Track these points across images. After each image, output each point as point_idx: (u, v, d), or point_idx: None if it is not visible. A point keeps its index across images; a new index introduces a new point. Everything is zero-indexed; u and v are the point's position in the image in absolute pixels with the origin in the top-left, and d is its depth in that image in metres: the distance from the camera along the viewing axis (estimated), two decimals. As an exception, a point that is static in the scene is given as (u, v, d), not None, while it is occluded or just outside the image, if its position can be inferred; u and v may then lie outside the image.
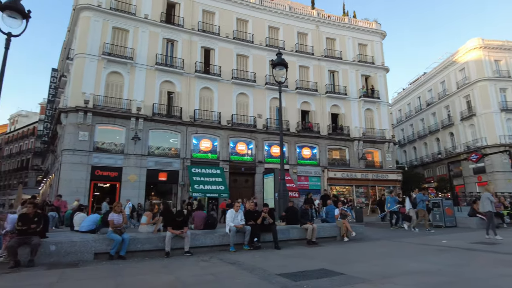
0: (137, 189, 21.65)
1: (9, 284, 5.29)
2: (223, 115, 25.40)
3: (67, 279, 5.52)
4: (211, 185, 22.07)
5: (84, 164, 20.57)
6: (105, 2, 23.60)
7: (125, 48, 23.51)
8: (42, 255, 6.76)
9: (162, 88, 24.32)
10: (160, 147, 23.55)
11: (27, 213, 6.79)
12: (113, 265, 6.72)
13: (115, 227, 7.51)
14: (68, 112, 21.16)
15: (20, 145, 56.13)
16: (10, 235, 7.03)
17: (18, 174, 53.64)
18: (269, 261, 7.07)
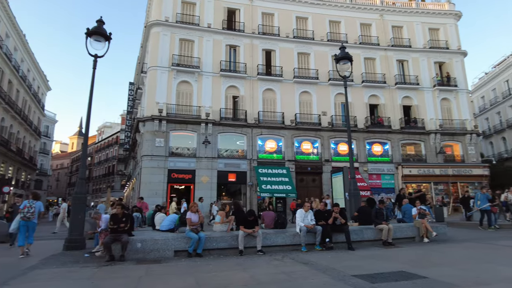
0: (209, 189, 22.72)
1: (108, 275, 5.96)
2: (286, 115, 25.41)
3: (152, 274, 6.01)
4: (278, 185, 22.21)
5: (161, 168, 22.25)
6: (172, 16, 25.27)
7: (191, 58, 24.90)
8: (130, 251, 7.48)
9: (228, 93, 25.21)
10: (228, 149, 24.43)
11: (117, 214, 7.58)
12: (192, 262, 7.15)
13: (192, 225, 7.97)
14: (145, 121, 23.10)
15: (106, 153, 62.90)
16: (104, 232, 7.92)
17: (106, 179, 60.14)
18: (343, 262, 6.87)
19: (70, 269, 6.49)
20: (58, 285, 5.32)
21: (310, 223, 8.73)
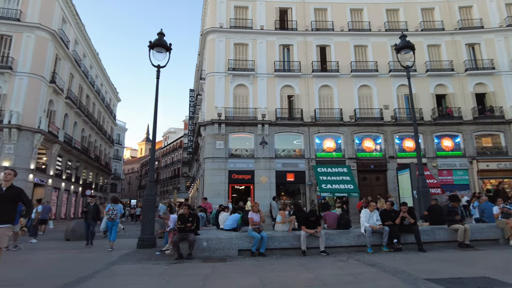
0: (268, 189, 22.92)
1: (177, 272, 6.32)
2: (344, 111, 24.61)
3: (218, 272, 6.23)
4: (339, 184, 21.57)
5: (222, 169, 23.02)
6: (226, 22, 26.02)
7: (246, 61, 25.37)
8: (197, 250, 7.84)
9: (283, 92, 25.20)
10: (285, 149, 24.40)
11: (184, 214, 8.01)
12: (255, 261, 7.27)
13: (254, 225, 8.11)
14: (206, 125, 24.09)
15: (172, 157, 66.94)
16: (173, 232, 8.42)
17: (172, 181, 63.98)
18: (414, 264, 6.43)
19: (144, 266, 7.00)
20: (135, 280, 5.78)
21: (376, 223, 8.34)
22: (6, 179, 5.23)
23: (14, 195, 5.20)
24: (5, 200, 5.06)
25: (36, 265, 7.52)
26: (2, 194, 5.08)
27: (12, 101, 22.97)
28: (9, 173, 5.31)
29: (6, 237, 5.01)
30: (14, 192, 5.22)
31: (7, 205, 5.09)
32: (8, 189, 5.18)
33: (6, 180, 5.23)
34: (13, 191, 5.22)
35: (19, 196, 5.25)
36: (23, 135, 22.76)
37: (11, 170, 5.39)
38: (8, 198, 5.11)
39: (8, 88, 23.16)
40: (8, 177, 5.25)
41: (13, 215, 5.33)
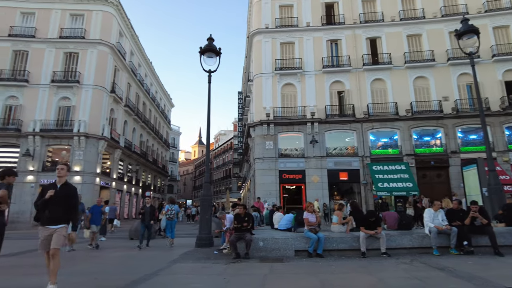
0: (321, 189, 22.49)
1: (236, 272, 6.40)
2: (400, 105, 23.32)
3: (276, 272, 6.20)
4: (396, 183, 20.49)
5: (272, 169, 23.07)
6: (271, 23, 26.04)
7: (293, 60, 25.17)
8: (254, 249, 7.90)
9: (332, 89, 24.60)
10: (337, 147, 23.76)
11: (240, 213, 8.12)
12: (313, 262, 7.13)
13: (310, 225, 7.97)
14: (255, 126, 24.32)
15: (223, 158, 68.71)
16: (229, 231, 8.58)
17: (224, 181, 65.64)
18: (491, 270, 5.85)
19: (204, 265, 7.21)
20: (196, 279, 5.97)
21: (442, 224, 7.75)
22: (59, 175, 4.78)
23: (68, 193, 4.78)
24: (59, 198, 4.64)
25: (105, 261, 8.10)
26: (56, 192, 4.65)
27: (80, 111, 25.20)
28: (61, 167, 4.80)
29: (61, 237, 4.61)
30: (69, 190, 4.83)
31: (61, 204, 4.67)
32: (63, 186, 4.78)
33: (59, 176, 4.78)
34: (68, 189, 4.82)
35: (73, 195, 4.85)
36: (90, 142, 24.86)
37: (63, 165, 4.86)
38: (62, 197, 4.68)
39: (77, 100, 25.46)
40: (62, 173, 4.78)
41: (69, 215, 4.86)
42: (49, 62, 26.00)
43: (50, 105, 25.23)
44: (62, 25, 26.92)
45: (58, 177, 4.78)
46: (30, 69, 25.71)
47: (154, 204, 13.21)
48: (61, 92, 25.56)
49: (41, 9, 27.09)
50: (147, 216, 10.53)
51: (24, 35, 26.31)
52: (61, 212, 4.66)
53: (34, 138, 24.14)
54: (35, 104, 25.10)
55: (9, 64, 25.79)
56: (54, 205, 4.61)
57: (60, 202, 4.64)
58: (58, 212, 4.65)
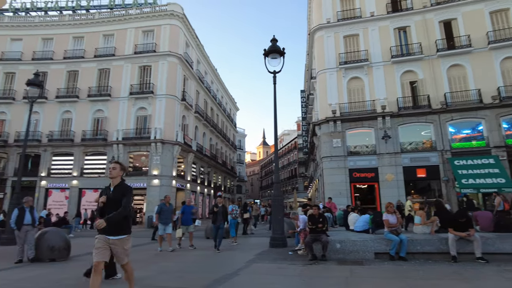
0: (396, 188, 21.12)
1: (314, 274, 6.29)
2: (484, 92, 20.84)
3: (358, 276, 5.94)
4: (484, 179, 18.31)
5: (341, 168, 22.33)
6: (333, 17, 25.26)
7: (358, 52, 24.09)
8: (330, 251, 7.69)
9: (403, 80, 22.97)
10: (413, 142, 22.10)
11: (314, 214, 7.97)
12: (396, 266, 6.68)
13: (390, 227, 7.50)
14: (320, 124, 23.80)
15: (288, 158, 68.69)
16: (303, 232, 8.48)
17: (290, 181, 65.52)
18: None
19: (280, 265, 7.22)
20: (274, 280, 5.99)
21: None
22: (111, 176, 4.12)
23: (120, 196, 4.02)
24: (115, 202, 3.97)
25: (186, 260, 8.54)
26: (108, 196, 4.04)
27: (155, 119, 27.28)
28: (113, 167, 4.13)
29: (123, 251, 3.93)
30: (125, 191, 4.08)
31: (115, 209, 3.91)
32: (117, 188, 4.09)
33: (111, 177, 4.12)
34: (123, 189, 4.08)
35: (125, 194, 4.05)
36: (166, 147, 26.74)
37: (115, 163, 4.18)
38: (119, 200, 3.98)
39: (152, 109, 27.62)
40: (113, 173, 4.10)
41: (129, 223, 4.10)
42: (127, 76, 28.65)
43: (130, 115, 27.77)
44: (136, 41, 29.46)
45: (110, 178, 4.12)
46: (112, 84, 28.61)
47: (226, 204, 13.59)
48: (138, 103, 27.98)
49: (119, 30, 29.98)
50: (219, 217, 9.95)
51: (106, 54, 29.37)
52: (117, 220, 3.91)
53: (118, 146, 26.77)
54: (117, 116, 27.85)
55: (95, 82, 29.03)
56: (111, 211, 3.91)
57: (117, 207, 3.93)
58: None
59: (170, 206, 10.64)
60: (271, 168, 75.44)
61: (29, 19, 31.81)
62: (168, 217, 10.39)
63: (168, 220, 10.38)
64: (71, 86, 29.18)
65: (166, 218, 10.35)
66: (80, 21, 30.65)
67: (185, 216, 10.79)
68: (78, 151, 27.67)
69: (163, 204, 10.59)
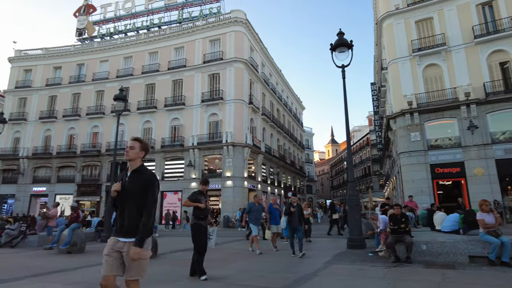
0: (488, 183, 18.79)
1: (400, 277, 5.87)
2: None
3: (452, 281, 5.39)
4: None
5: (421, 163, 20.63)
6: (401, 2, 23.55)
7: (433, 37, 22.06)
8: (415, 253, 7.13)
9: (491, 61, 20.39)
10: (507, 131, 19.45)
11: (395, 214, 7.47)
12: (499, 272, 5.91)
13: (486, 227, 6.68)
14: (395, 118, 22.31)
15: (360, 155, 65.79)
16: (384, 233, 8.01)
17: (364, 180, 62.62)
18: None
19: (361, 267, 6.91)
20: (357, 282, 5.75)
21: None
22: (128, 157, 3.08)
23: (141, 184, 2.96)
24: (128, 194, 2.95)
25: (264, 260, 8.66)
26: (123, 183, 3.03)
27: (226, 124, 28.42)
28: (131, 145, 3.09)
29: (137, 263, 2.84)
30: (143, 179, 2.99)
31: (136, 201, 2.93)
32: (134, 174, 3.05)
33: (129, 159, 3.08)
34: (142, 177, 3.01)
35: (148, 187, 2.96)
36: (236, 150, 27.67)
37: (134, 141, 3.14)
38: (133, 191, 2.95)
39: (222, 114, 28.84)
40: (130, 153, 3.06)
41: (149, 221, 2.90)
42: (198, 85, 30.37)
43: (203, 121, 29.37)
44: (204, 51, 31.07)
45: (128, 161, 3.10)
46: (185, 93, 30.58)
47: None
48: (209, 109, 29.45)
49: (188, 42, 31.97)
50: (295, 218, 8.66)
51: (178, 66, 31.54)
52: (136, 214, 2.90)
53: (194, 150, 28.48)
54: (191, 122, 29.66)
55: (170, 92, 31.33)
56: (125, 203, 2.96)
57: (133, 198, 2.92)
58: (132, 214, 2.90)
59: (260, 206, 10.14)
60: (341, 167, 73.13)
61: (112, 42, 35.67)
62: (258, 217, 9.98)
63: (258, 220, 10.02)
64: (150, 98, 31.93)
65: (256, 218, 9.90)
66: (154, 38, 33.41)
67: (273, 216, 10.48)
68: (159, 157, 30.11)
69: (252, 203, 10.12)
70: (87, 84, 34.47)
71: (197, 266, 5.91)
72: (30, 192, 33.50)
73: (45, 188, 33.22)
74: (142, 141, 3.18)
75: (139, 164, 3.13)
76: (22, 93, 36.16)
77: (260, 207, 10.09)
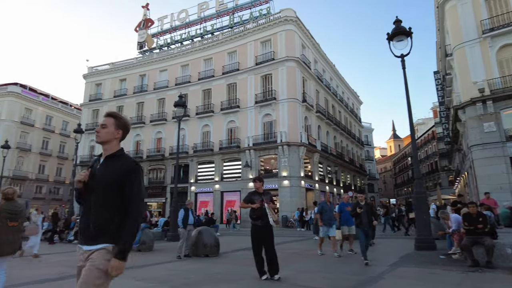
0: None
1: (481, 284, 5.30)
2: None
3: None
4: None
5: (499, 157, 18.52)
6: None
7: (508, 14, 19.70)
8: (497, 258, 6.39)
9: None
10: None
11: (471, 213, 6.77)
12: None
13: None
14: (464, 107, 20.35)
15: (425, 150, 61.18)
16: (457, 234, 7.32)
17: (431, 176, 58.07)
18: None
19: (432, 271, 6.38)
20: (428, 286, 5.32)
21: None
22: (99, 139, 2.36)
23: (117, 174, 2.23)
24: (99, 185, 2.23)
25: (325, 260, 8.41)
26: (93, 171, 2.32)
27: (280, 123, 28.43)
28: (102, 124, 2.37)
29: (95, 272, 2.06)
30: (121, 167, 2.26)
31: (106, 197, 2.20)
32: (108, 160, 2.32)
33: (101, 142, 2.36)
34: (119, 164, 2.28)
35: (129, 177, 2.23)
36: (291, 150, 27.50)
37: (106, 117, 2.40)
38: (105, 180, 2.22)
39: (276, 114, 28.90)
40: (101, 133, 2.35)
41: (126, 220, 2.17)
42: (251, 87, 30.81)
43: (257, 122, 29.72)
44: (256, 53, 31.42)
45: (100, 143, 2.38)
46: (239, 96, 31.22)
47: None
48: (263, 110, 29.70)
49: (240, 45, 32.61)
50: (364, 218, 7.47)
51: (231, 70, 32.33)
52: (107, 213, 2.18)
53: (250, 151, 28.93)
54: (246, 124, 30.18)
55: (225, 96, 32.23)
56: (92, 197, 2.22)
57: (104, 191, 2.20)
58: (99, 213, 2.17)
59: (331, 205, 9.46)
60: (405, 164, 68.82)
61: (170, 52, 37.78)
62: (330, 217, 9.14)
63: (331, 221, 9.13)
64: (207, 103, 33.19)
65: (329, 219, 9.07)
66: (207, 45, 34.66)
67: (344, 215, 9.26)
68: (218, 159, 31.11)
69: (324, 203, 9.37)
70: (149, 93, 36.92)
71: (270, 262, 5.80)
72: (105, 195, 36.76)
73: (117, 191, 36.20)
74: (118, 116, 2.44)
75: (116, 148, 2.37)
76: (94, 105, 39.95)
77: (332, 206, 9.46)
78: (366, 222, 7.46)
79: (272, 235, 5.87)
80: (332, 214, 9.20)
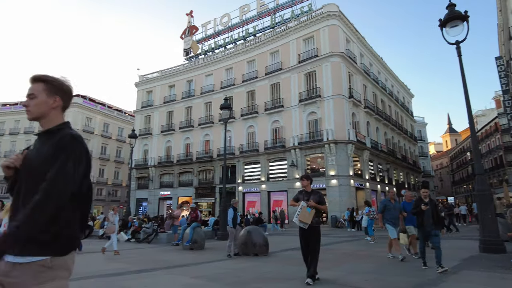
0: None
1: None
2: None
3: None
4: None
5: None
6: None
7: None
8: None
9: None
10: None
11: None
12: None
13: None
14: (534, 95, 18.34)
15: (487, 143, 56.16)
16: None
17: (495, 172, 53.13)
18: None
19: (503, 276, 5.82)
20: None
21: None
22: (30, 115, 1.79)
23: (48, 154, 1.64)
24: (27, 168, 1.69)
25: (377, 261, 8.03)
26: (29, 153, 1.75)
27: (325, 121, 27.81)
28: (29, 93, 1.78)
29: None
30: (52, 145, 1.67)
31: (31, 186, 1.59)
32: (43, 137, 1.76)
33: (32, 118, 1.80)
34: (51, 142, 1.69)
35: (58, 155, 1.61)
36: (339, 148, 26.76)
37: (32, 83, 1.78)
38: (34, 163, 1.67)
39: (321, 112, 28.33)
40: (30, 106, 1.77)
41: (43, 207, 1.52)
42: (295, 86, 30.52)
43: (302, 121, 29.37)
44: (299, 51, 31.07)
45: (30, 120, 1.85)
46: (283, 95, 31.10)
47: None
48: (308, 109, 29.27)
49: (282, 45, 32.48)
50: (426, 218, 6.52)
51: (274, 70, 32.31)
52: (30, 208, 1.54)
53: (295, 151, 28.67)
54: (291, 123, 29.95)
55: (269, 96, 32.29)
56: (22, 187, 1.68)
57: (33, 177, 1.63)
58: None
59: (396, 203, 8.46)
60: (464, 159, 63.79)
61: (214, 56, 38.77)
62: (395, 216, 8.22)
63: (396, 220, 8.24)
64: (251, 104, 33.52)
65: (394, 218, 8.20)
66: (250, 47, 35.01)
67: (410, 216, 7.93)
68: (263, 159, 31.27)
69: (386, 200, 8.52)
70: (197, 97, 38.19)
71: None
72: (158, 196, 38.76)
73: (169, 192, 38.00)
74: (48, 78, 1.80)
75: (56, 121, 1.81)
76: (146, 111, 42.25)
77: (396, 204, 8.46)
78: (430, 222, 6.48)
79: (315, 236, 5.65)
80: (398, 213, 8.25)
